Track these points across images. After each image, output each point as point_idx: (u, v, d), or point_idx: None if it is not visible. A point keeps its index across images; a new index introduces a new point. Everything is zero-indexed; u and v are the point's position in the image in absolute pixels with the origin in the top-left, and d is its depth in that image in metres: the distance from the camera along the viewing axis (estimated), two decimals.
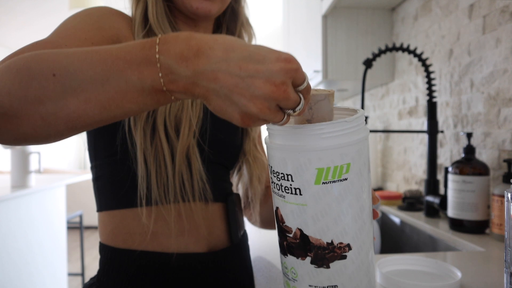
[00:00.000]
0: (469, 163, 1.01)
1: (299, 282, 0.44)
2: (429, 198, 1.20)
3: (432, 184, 1.23)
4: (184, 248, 0.64)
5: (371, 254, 0.45)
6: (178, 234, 0.64)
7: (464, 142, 1.21)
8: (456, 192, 1.02)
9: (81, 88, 0.38)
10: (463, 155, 1.04)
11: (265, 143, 0.45)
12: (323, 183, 0.40)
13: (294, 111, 0.38)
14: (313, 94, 0.44)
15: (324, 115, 0.47)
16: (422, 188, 1.47)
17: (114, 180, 0.64)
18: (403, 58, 1.64)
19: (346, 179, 0.41)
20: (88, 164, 0.74)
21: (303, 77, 0.38)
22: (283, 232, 0.44)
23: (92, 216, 4.29)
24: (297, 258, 0.43)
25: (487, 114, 1.10)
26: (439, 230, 1.05)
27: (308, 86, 0.40)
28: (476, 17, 1.15)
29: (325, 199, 0.41)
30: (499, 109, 1.05)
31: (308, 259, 0.42)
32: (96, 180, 0.67)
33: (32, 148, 1.97)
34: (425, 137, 1.45)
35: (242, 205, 0.81)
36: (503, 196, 0.92)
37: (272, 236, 0.99)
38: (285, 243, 0.44)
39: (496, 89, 1.07)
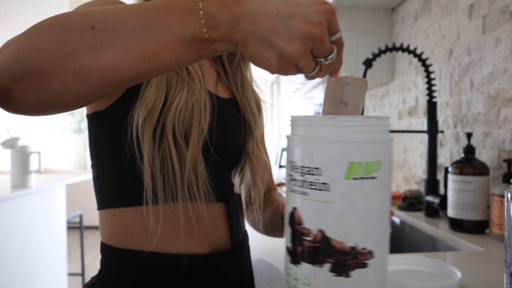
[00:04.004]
0: (469, 163, 1.01)
1: None
2: (429, 198, 1.20)
3: (432, 184, 1.23)
4: (187, 250, 0.64)
5: (387, 267, 0.43)
6: (183, 235, 0.63)
7: (464, 142, 1.21)
8: (456, 192, 1.02)
9: (120, 40, 0.38)
10: (463, 155, 1.04)
11: (287, 138, 0.44)
12: (353, 178, 0.38)
13: (325, 60, 0.39)
14: (346, 76, 0.45)
15: (354, 100, 0.46)
16: (422, 188, 1.47)
17: (116, 178, 0.64)
18: (403, 58, 1.64)
19: (375, 177, 0.39)
20: (89, 164, 0.72)
21: (337, 25, 0.39)
22: (299, 236, 0.41)
23: (92, 216, 4.29)
24: (314, 265, 0.40)
25: (487, 114, 1.10)
26: (439, 230, 1.05)
27: (342, 39, 0.41)
28: (476, 17, 1.15)
29: (354, 197, 0.39)
30: (499, 109, 1.05)
31: (327, 266, 0.39)
32: (98, 177, 0.67)
33: (32, 148, 1.97)
34: (425, 137, 1.45)
35: (244, 206, 0.80)
36: (503, 196, 0.92)
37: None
38: (299, 249, 0.41)
39: (496, 89, 1.07)
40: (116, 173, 0.64)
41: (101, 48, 0.38)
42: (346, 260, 0.39)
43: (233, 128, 0.73)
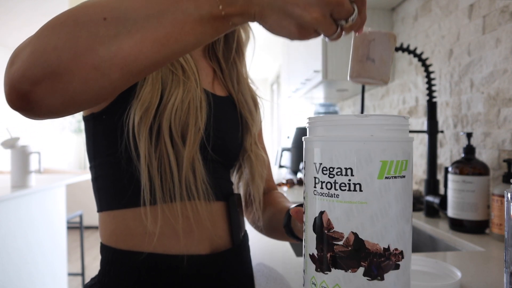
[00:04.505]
0: (469, 163, 1.01)
1: None
2: (429, 198, 1.20)
3: (432, 184, 1.23)
4: (186, 250, 0.63)
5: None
6: (182, 236, 0.63)
7: (464, 142, 1.21)
8: (456, 192, 1.02)
9: (135, 28, 0.37)
10: (463, 155, 1.04)
11: (307, 140, 0.42)
12: (385, 177, 0.38)
13: (346, 22, 0.39)
14: (372, 31, 0.44)
15: (382, 55, 0.45)
16: (422, 188, 1.47)
17: (114, 180, 0.64)
18: (403, 58, 1.64)
19: (404, 176, 0.39)
20: (88, 164, 0.72)
21: None
22: (328, 241, 0.39)
23: (92, 216, 4.30)
24: (346, 271, 0.38)
25: (487, 114, 1.10)
26: (439, 230, 1.05)
27: None
28: (476, 17, 1.15)
29: (386, 197, 0.38)
30: (499, 109, 1.05)
31: (361, 270, 0.38)
32: (96, 179, 0.67)
33: (32, 148, 1.97)
34: (425, 137, 1.45)
35: (243, 204, 0.80)
36: (503, 196, 0.92)
37: None
38: (329, 255, 0.39)
39: (496, 89, 1.07)
40: (114, 174, 0.63)
41: (117, 39, 0.37)
42: (380, 263, 0.38)
43: (230, 125, 0.73)
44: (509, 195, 0.49)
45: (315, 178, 0.41)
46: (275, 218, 0.73)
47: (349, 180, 0.38)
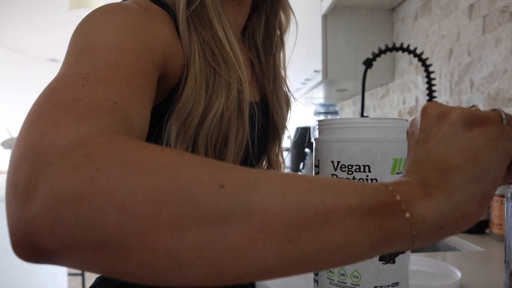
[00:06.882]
0: None
1: (362, 286, 0.43)
2: None
3: None
4: None
5: None
6: None
7: None
8: None
9: (261, 205, 0.23)
10: None
11: (321, 140, 0.46)
12: (396, 173, 0.43)
13: None
14: None
15: None
16: None
17: None
18: (403, 58, 1.64)
19: None
20: None
21: None
22: None
23: None
24: None
25: None
26: None
27: None
28: (476, 17, 1.15)
29: None
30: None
31: (376, 256, 0.44)
32: None
33: None
34: None
35: None
36: (503, 196, 0.92)
37: None
38: None
39: (496, 89, 1.07)
40: None
41: (224, 220, 0.22)
42: None
43: (259, 134, 0.62)
44: (509, 195, 0.49)
45: (332, 175, 0.45)
46: None
47: (367, 176, 0.43)
